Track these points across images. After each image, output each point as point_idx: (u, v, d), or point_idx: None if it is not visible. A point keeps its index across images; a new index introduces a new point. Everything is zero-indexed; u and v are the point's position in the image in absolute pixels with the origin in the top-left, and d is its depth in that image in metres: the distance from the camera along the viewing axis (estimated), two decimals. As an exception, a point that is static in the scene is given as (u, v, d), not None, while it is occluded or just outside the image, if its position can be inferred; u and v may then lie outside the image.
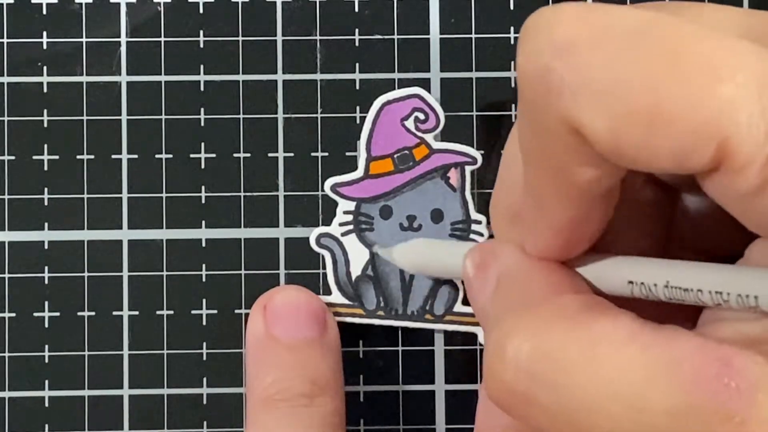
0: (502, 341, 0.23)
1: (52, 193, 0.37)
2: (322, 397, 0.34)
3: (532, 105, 0.21)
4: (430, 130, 0.36)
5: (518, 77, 0.21)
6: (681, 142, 0.20)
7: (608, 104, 0.20)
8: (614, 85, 0.20)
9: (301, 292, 0.35)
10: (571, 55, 0.20)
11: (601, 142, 0.20)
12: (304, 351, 0.34)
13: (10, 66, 0.37)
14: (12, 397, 0.37)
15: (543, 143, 0.22)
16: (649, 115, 0.20)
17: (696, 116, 0.19)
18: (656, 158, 0.20)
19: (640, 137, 0.20)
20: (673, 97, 0.20)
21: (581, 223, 0.23)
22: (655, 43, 0.20)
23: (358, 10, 0.37)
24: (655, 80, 0.20)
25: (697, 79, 0.20)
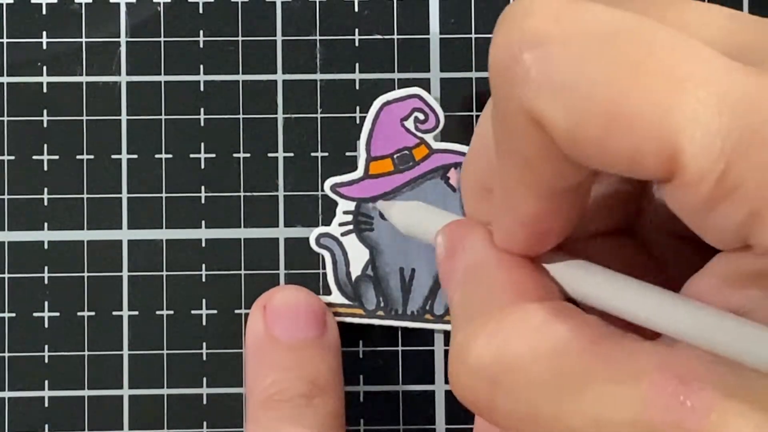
0: (465, 345, 0.23)
1: (52, 193, 0.37)
2: (321, 398, 0.34)
3: (499, 93, 0.21)
4: (429, 130, 0.36)
5: (489, 64, 0.22)
6: (635, 147, 0.20)
7: (569, 99, 0.20)
8: (577, 81, 0.20)
9: (300, 292, 0.35)
10: (539, 47, 0.20)
11: (560, 135, 0.20)
12: (303, 351, 0.34)
13: (10, 66, 0.37)
14: (12, 397, 0.37)
15: (509, 134, 0.22)
16: (607, 115, 0.20)
17: (652, 124, 0.20)
18: (611, 159, 0.20)
19: (596, 136, 0.20)
20: (632, 102, 0.20)
21: (548, 218, 0.23)
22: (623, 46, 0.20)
23: (358, 10, 0.37)
24: (617, 83, 0.20)
25: (658, 88, 0.20)
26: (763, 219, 0.20)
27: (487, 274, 0.24)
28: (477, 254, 0.25)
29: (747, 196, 0.20)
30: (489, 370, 0.22)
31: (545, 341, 0.22)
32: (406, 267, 0.36)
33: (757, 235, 0.20)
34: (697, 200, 0.20)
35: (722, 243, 0.21)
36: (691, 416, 0.20)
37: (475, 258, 0.25)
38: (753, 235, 0.20)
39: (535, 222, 0.23)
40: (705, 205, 0.20)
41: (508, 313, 0.23)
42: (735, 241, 0.21)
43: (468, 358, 0.23)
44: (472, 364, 0.22)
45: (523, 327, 0.22)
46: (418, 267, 0.36)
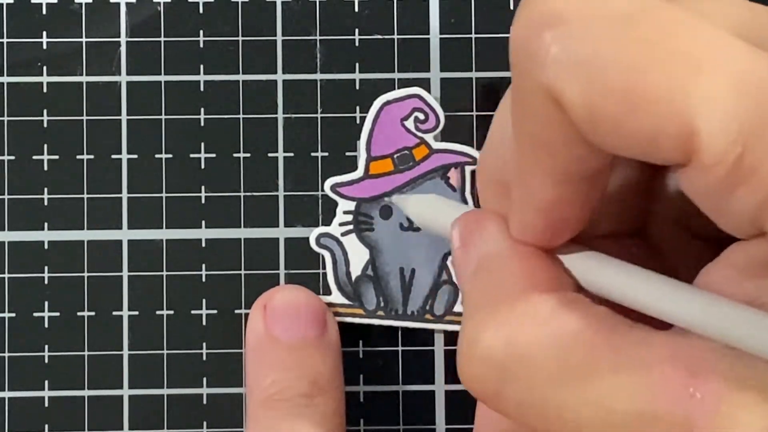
0: (475, 334, 0.23)
1: (52, 193, 0.37)
2: (321, 398, 0.34)
3: (519, 73, 0.22)
4: (430, 130, 0.36)
5: (510, 44, 0.22)
6: (652, 128, 0.20)
7: (587, 77, 0.20)
8: (596, 60, 0.20)
9: (300, 292, 0.35)
10: (559, 26, 0.20)
11: (577, 113, 0.20)
12: (303, 351, 0.34)
13: (10, 66, 0.37)
14: (12, 397, 0.37)
15: (528, 114, 0.22)
16: (624, 94, 0.20)
17: (670, 105, 0.20)
18: (628, 140, 0.20)
19: (613, 114, 0.20)
20: (650, 82, 0.20)
21: (565, 206, 0.23)
22: (642, 26, 0.20)
23: (358, 10, 0.37)
24: (636, 62, 0.20)
25: (677, 69, 0.20)
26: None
27: (499, 263, 0.24)
28: (491, 244, 0.25)
29: (764, 180, 0.20)
30: (498, 359, 0.22)
31: (554, 331, 0.22)
32: (406, 267, 0.36)
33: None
34: (714, 184, 0.20)
35: (738, 230, 0.21)
36: (700, 408, 0.20)
37: (488, 248, 0.25)
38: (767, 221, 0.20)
39: (552, 209, 0.23)
40: (721, 189, 0.20)
41: (518, 303, 0.23)
42: (750, 228, 0.21)
43: (477, 347, 0.23)
44: (481, 352, 0.23)
45: (533, 317, 0.22)
46: (418, 267, 0.36)
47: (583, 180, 0.22)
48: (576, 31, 0.20)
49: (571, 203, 0.23)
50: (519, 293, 0.23)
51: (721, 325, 0.21)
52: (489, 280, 0.24)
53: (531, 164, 0.23)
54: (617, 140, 0.20)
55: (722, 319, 0.21)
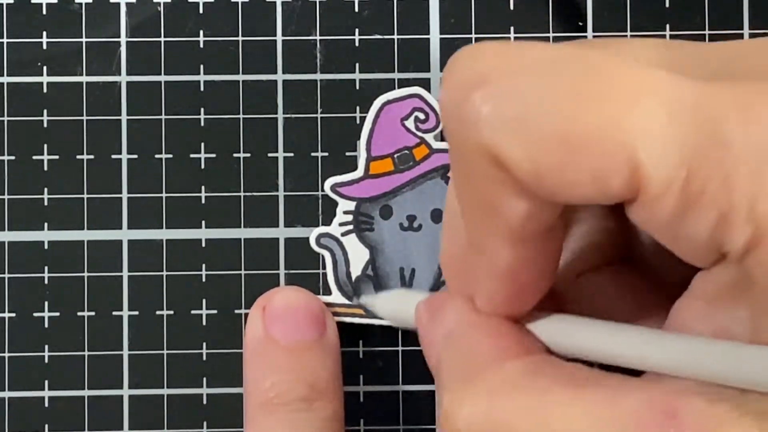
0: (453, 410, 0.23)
1: (52, 193, 0.37)
2: (320, 401, 0.34)
3: (455, 138, 0.22)
4: (430, 130, 0.36)
5: (440, 111, 0.22)
6: (595, 168, 0.20)
7: (523, 130, 0.20)
8: (527, 111, 0.20)
9: (300, 293, 0.35)
10: (487, 85, 0.20)
11: (519, 168, 0.20)
12: (302, 354, 0.34)
13: (10, 66, 0.37)
14: (12, 397, 0.37)
15: (470, 178, 0.22)
16: (562, 139, 0.20)
17: (608, 142, 0.20)
18: (574, 186, 0.20)
19: (556, 163, 0.20)
20: (584, 122, 0.20)
21: (524, 268, 0.23)
22: (567, 71, 0.20)
23: (358, 10, 0.37)
24: (567, 107, 0.20)
25: (608, 105, 0.20)
26: (731, 221, 0.20)
27: (466, 336, 0.24)
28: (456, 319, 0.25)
29: (713, 200, 0.20)
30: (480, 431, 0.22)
31: (529, 396, 0.22)
32: (406, 267, 0.36)
33: (729, 239, 0.20)
34: (666, 213, 0.20)
35: (698, 258, 0.21)
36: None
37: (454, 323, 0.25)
38: (725, 241, 0.20)
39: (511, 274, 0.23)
40: (673, 217, 0.20)
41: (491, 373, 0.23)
42: (709, 253, 0.21)
43: (457, 423, 0.23)
44: (462, 426, 0.22)
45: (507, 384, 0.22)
46: (418, 267, 0.36)
47: (537, 237, 0.22)
48: (503, 87, 0.20)
49: (530, 265, 0.23)
50: (490, 362, 0.23)
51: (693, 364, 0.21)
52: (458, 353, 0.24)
53: (482, 230, 0.22)
54: (563, 188, 0.20)
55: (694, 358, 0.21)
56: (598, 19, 0.37)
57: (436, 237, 0.36)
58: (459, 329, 0.24)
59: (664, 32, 0.37)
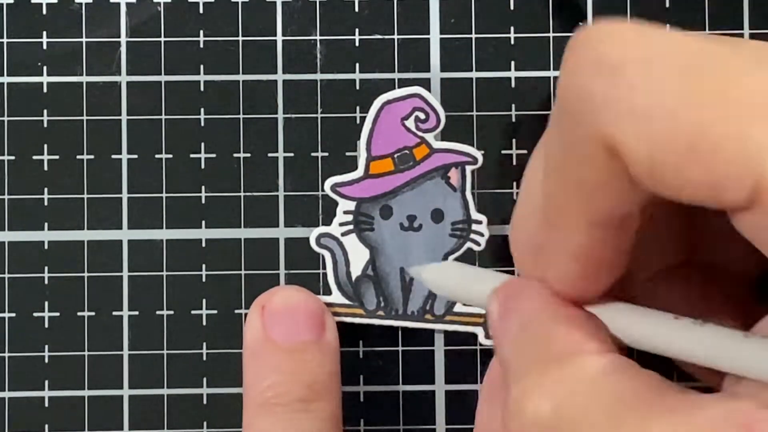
0: (521, 400, 0.22)
1: (52, 193, 0.37)
2: (319, 402, 0.33)
3: (570, 119, 0.21)
4: (430, 130, 0.36)
5: (559, 90, 0.21)
6: (717, 174, 0.20)
7: (650, 128, 0.20)
8: (658, 110, 0.20)
9: (299, 293, 0.35)
10: (618, 75, 0.20)
11: (639, 164, 0.20)
12: (301, 354, 0.34)
13: (10, 66, 0.37)
14: (12, 397, 0.37)
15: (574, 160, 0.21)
16: (688, 143, 0.20)
17: (735, 151, 0.19)
18: (691, 188, 0.20)
19: (677, 165, 0.20)
20: (714, 130, 0.19)
21: (601, 248, 0.23)
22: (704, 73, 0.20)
23: (358, 10, 0.37)
24: (699, 111, 0.20)
25: (740, 115, 0.19)
26: None
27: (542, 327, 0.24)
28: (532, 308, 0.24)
29: None
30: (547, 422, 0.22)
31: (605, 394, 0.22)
32: (406, 267, 0.36)
33: None
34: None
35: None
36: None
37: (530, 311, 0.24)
38: None
39: (586, 254, 0.23)
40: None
41: (566, 366, 0.22)
42: None
43: (525, 412, 0.22)
44: (530, 418, 0.22)
45: (582, 379, 0.22)
46: (418, 267, 0.36)
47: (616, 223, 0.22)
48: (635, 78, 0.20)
49: (607, 244, 0.23)
50: (567, 355, 0.23)
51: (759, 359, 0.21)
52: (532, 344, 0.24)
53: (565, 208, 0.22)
54: (678, 187, 0.20)
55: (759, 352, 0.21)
56: (598, 19, 0.37)
57: (436, 237, 0.36)
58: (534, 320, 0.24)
59: (664, 32, 0.37)
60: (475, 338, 0.36)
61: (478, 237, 0.36)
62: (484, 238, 0.36)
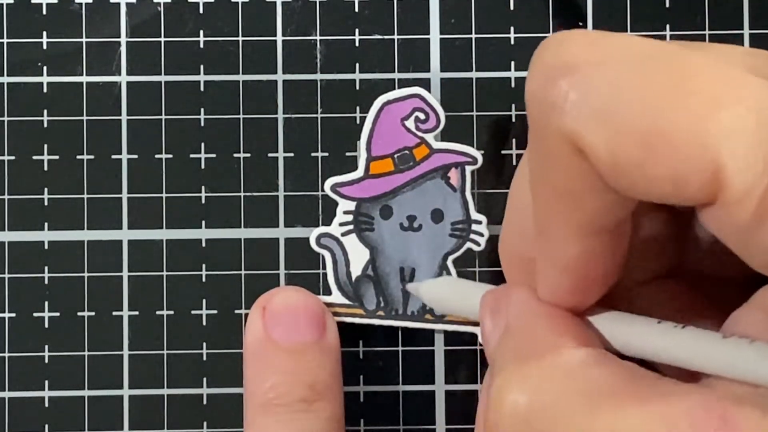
0: (501, 391, 0.23)
1: (52, 193, 0.37)
2: (320, 402, 0.34)
3: (537, 123, 0.22)
4: (430, 130, 0.36)
5: (526, 96, 0.22)
6: (677, 166, 0.20)
7: (608, 121, 0.20)
8: (615, 103, 0.20)
9: (300, 294, 0.35)
10: (576, 72, 0.21)
11: (600, 159, 0.20)
12: (302, 355, 0.34)
13: (10, 66, 0.37)
14: (12, 397, 0.37)
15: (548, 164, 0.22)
16: (646, 135, 0.20)
17: (692, 142, 0.20)
18: (653, 184, 0.20)
19: (637, 158, 0.20)
20: (671, 121, 0.20)
21: (591, 260, 0.23)
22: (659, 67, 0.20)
23: (358, 10, 0.37)
24: (655, 102, 0.20)
25: (696, 106, 0.20)
26: None
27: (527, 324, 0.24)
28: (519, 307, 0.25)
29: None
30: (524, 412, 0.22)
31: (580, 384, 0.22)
32: (406, 267, 0.36)
33: None
34: (742, 219, 0.20)
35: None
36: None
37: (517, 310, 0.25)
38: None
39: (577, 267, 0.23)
40: (750, 224, 0.20)
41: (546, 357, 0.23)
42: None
43: (503, 404, 0.23)
44: (508, 406, 0.22)
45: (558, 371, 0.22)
46: (418, 267, 0.36)
47: (606, 232, 0.22)
48: (593, 76, 0.20)
49: (596, 258, 0.23)
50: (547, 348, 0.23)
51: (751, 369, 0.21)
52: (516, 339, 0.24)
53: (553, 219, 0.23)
54: (641, 184, 0.20)
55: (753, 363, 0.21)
56: (598, 19, 0.37)
57: (436, 237, 0.36)
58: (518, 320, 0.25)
59: (664, 32, 0.37)
60: (475, 338, 0.36)
61: (477, 237, 0.36)
62: (484, 238, 0.36)
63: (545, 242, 0.23)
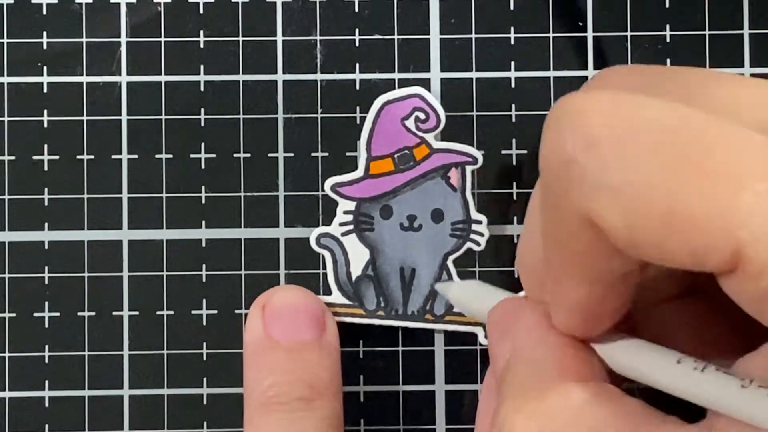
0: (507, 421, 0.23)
1: (52, 193, 0.37)
2: (320, 401, 0.33)
3: (552, 193, 0.22)
4: (430, 130, 0.36)
5: (541, 165, 0.22)
6: (696, 246, 0.20)
7: (626, 202, 0.20)
8: (634, 184, 0.20)
9: (300, 293, 0.35)
10: (594, 150, 0.20)
11: (618, 237, 0.20)
12: (302, 354, 0.34)
13: (10, 66, 0.37)
14: (12, 397, 0.37)
15: (560, 231, 0.22)
16: (666, 217, 0.20)
17: (713, 222, 0.20)
18: (672, 258, 0.20)
19: (655, 237, 0.20)
20: (691, 204, 0.20)
21: (599, 303, 0.23)
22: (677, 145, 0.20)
23: (358, 10, 0.37)
24: (674, 185, 0.20)
25: (716, 188, 0.20)
26: None
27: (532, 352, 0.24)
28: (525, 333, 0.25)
29: None
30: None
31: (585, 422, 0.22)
32: (406, 267, 0.36)
33: None
34: (759, 291, 0.20)
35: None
36: None
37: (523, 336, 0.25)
38: None
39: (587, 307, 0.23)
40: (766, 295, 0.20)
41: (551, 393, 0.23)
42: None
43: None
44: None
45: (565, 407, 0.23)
46: (418, 267, 0.36)
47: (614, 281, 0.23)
48: (611, 154, 0.20)
49: (605, 300, 0.23)
50: (551, 382, 0.23)
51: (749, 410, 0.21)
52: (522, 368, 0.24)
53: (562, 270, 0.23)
54: (658, 257, 0.20)
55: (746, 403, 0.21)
56: (598, 19, 0.37)
57: (436, 237, 0.36)
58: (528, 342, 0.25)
59: (664, 32, 0.37)
60: (475, 338, 0.36)
61: (478, 237, 0.36)
62: (484, 238, 0.36)
63: (554, 285, 0.23)
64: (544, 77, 0.37)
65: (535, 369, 0.24)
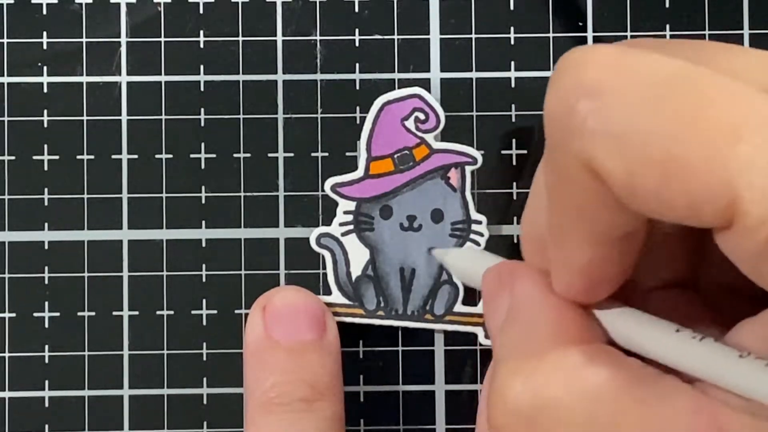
0: (504, 384, 0.23)
1: (52, 193, 0.37)
2: (321, 402, 0.34)
3: (554, 143, 0.22)
4: (430, 130, 0.36)
5: (544, 115, 0.22)
6: (693, 195, 0.20)
7: (626, 149, 0.20)
8: (633, 132, 0.20)
9: (300, 293, 0.35)
10: (595, 98, 0.21)
11: (617, 184, 0.21)
12: (303, 354, 0.34)
13: (10, 66, 0.37)
14: (12, 397, 0.37)
15: (564, 182, 0.22)
16: (664, 165, 0.20)
17: (710, 172, 0.20)
18: (669, 208, 0.20)
19: (654, 185, 0.20)
20: (689, 151, 0.20)
21: (603, 265, 0.23)
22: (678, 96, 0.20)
23: (358, 10, 0.37)
24: (673, 133, 0.20)
25: (715, 137, 0.20)
26: None
27: (530, 314, 0.24)
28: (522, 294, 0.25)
29: None
30: (526, 410, 0.23)
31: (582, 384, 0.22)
32: (406, 267, 0.36)
33: None
34: (756, 246, 0.20)
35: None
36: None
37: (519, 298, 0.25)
38: None
39: (589, 270, 0.23)
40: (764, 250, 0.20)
41: (548, 355, 0.23)
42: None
43: (506, 397, 0.23)
44: (510, 403, 0.23)
45: (561, 369, 0.23)
46: (418, 267, 0.36)
47: (619, 240, 0.23)
48: (612, 101, 0.20)
49: (609, 263, 0.23)
50: (549, 344, 0.23)
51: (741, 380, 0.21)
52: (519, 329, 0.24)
53: (566, 228, 0.23)
54: (656, 207, 0.21)
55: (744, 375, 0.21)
56: (598, 19, 0.38)
57: (436, 237, 0.36)
58: (525, 303, 0.25)
59: (664, 32, 0.37)
60: (475, 338, 0.36)
61: (477, 237, 0.36)
62: (484, 238, 0.36)
63: (558, 247, 0.23)
64: (544, 77, 0.37)
65: (531, 330, 0.24)
